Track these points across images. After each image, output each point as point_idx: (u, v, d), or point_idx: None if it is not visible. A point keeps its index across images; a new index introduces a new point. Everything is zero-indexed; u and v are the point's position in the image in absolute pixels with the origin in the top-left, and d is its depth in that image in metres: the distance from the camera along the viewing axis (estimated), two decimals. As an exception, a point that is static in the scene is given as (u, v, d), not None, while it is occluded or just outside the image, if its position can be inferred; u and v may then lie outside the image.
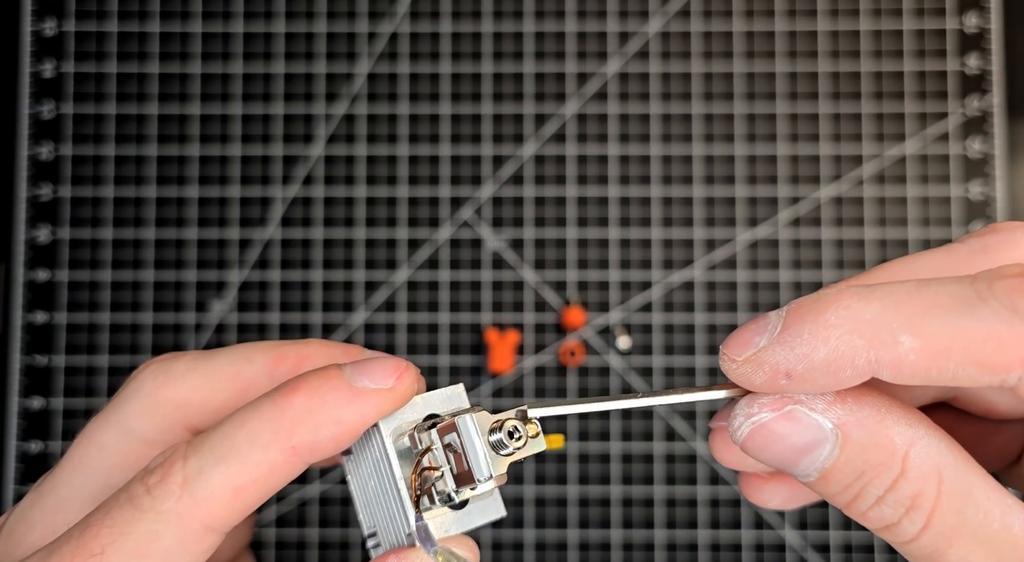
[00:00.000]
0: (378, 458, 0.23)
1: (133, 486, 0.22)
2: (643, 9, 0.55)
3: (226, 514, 0.21)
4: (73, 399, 0.54)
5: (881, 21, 0.55)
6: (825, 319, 0.19)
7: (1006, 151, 0.54)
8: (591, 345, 0.53)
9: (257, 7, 0.56)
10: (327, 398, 0.22)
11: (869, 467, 0.19)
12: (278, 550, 0.52)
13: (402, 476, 0.22)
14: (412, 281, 0.54)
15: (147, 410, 0.25)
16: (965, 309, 0.18)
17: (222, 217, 0.55)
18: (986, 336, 0.18)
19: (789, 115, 0.55)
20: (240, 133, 0.55)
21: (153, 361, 0.26)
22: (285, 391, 0.22)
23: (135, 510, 0.21)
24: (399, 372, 0.23)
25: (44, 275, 0.54)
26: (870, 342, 0.18)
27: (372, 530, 0.24)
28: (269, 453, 0.22)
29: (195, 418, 0.25)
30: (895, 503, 0.19)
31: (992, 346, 0.18)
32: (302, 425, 0.22)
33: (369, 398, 0.22)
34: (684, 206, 0.54)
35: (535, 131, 0.55)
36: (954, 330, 0.18)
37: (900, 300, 0.18)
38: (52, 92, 0.55)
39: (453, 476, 0.22)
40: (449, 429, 0.22)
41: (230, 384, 0.25)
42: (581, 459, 0.53)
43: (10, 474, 0.53)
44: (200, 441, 0.22)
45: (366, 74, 0.55)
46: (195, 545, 0.21)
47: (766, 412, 0.19)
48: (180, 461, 0.22)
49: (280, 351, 0.26)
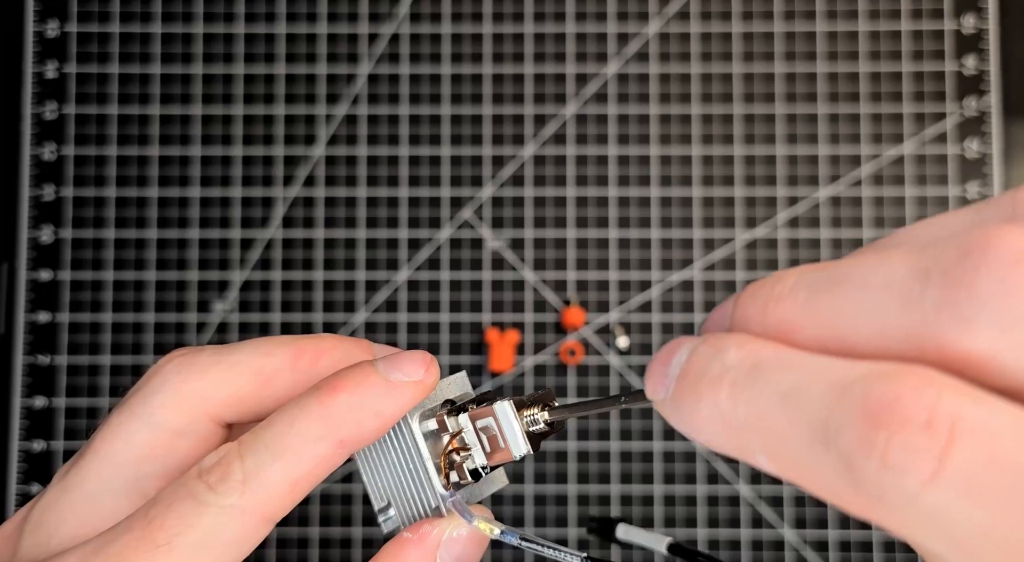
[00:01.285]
0: (401, 440, 0.25)
1: (192, 483, 0.23)
2: (642, 11, 0.56)
3: (283, 506, 0.23)
4: (76, 399, 0.54)
5: (879, 22, 0.55)
6: (697, 410, 0.18)
7: (1003, 151, 0.54)
8: (591, 344, 0.54)
9: (259, 9, 0.56)
10: (367, 394, 0.24)
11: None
12: (279, 548, 0.53)
13: (430, 457, 0.25)
14: (413, 281, 0.54)
15: (173, 403, 0.26)
16: (811, 451, 0.16)
17: (224, 217, 0.55)
18: (824, 486, 0.17)
19: (787, 116, 0.55)
20: (242, 134, 0.55)
21: (175, 355, 0.27)
22: (328, 390, 0.24)
23: (199, 505, 0.23)
24: (426, 364, 0.24)
25: (47, 275, 0.55)
26: (737, 450, 0.18)
27: (384, 504, 0.26)
28: (320, 448, 0.23)
29: (220, 409, 0.26)
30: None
31: (839, 492, 0.16)
32: (347, 420, 0.23)
33: (404, 390, 0.24)
34: (683, 206, 0.55)
35: (535, 132, 0.55)
36: (803, 468, 0.17)
37: (761, 414, 0.17)
38: (55, 93, 0.55)
39: (485, 454, 0.25)
40: (484, 414, 0.25)
41: (253, 377, 0.26)
42: (580, 457, 0.53)
43: (13, 473, 0.53)
44: (254, 440, 0.24)
45: (367, 75, 0.56)
46: (254, 535, 0.23)
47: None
48: (238, 460, 0.23)
49: (298, 345, 0.27)
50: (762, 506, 0.52)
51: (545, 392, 0.25)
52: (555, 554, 0.24)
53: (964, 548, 0.15)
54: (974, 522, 0.14)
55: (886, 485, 0.15)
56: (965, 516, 0.14)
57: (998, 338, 0.15)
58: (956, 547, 0.15)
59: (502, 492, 0.53)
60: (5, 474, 0.53)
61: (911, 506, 0.15)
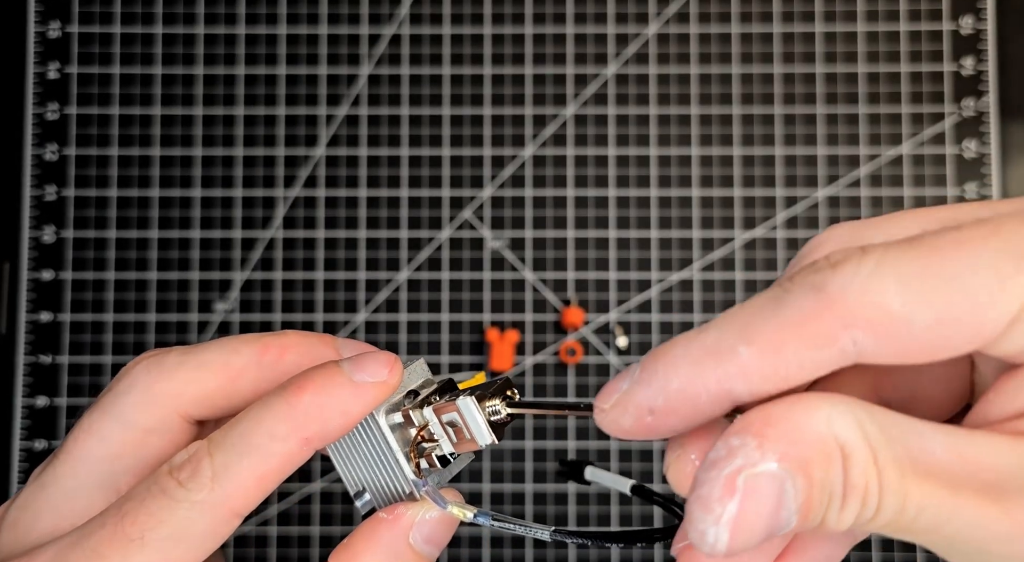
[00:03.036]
0: (370, 433, 0.26)
1: (163, 479, 0.24)
2: (641, 13, 0.56)
3: (251, 501, 0.24)
4: (77, 398, 0.54)
5: (877, 24, 0.55)
6: (673, 353, 0.20)
7: (1001, 152, 0.55)
8: (590, 344, 0.54)
9: (260, 10, 0.56)
10: (333, 394, 0.25)
11: (824, 476, 0.18)
12: (280, 547, 0.53)
13: (399, 448, 0.26)
14: (413, 280, 0.55)
15: (144, 402, 0.27)
16: (778, 304, 0.19)
17: (226, 217, 0.55)
18: (801, 319, 0.19)
19: (785, 117, 0.55)
20: (243, 134, 0.55)
21: (143, 357, 0.28)
22: (294, 389, 0.25)
23: (170, 500, 0.24)
24: (390, 365, 0.25)
25: (48, 275, 0.55)
26: (715, 360, 0.19)
27: (359, 489, 0.27)
28: (286, 445, 0.24)
29: (189, 407, 0.27)
30: (854, 492, 0.18)
31: (810, 327, 0.19)
32: (313, 419, 0.24)
33: (369, 390, 0.25)
34: (682, 207, 0.55)
35: (535, 133, 0.55)
36: (776, 324, 0.19)
37: (729, 320, 0.20)
38: (57, 93, 0.56)
39: (452, 443, 0.26)
40: (448, 409, 0.26)
41: (220, 374, 0.27)
42: (579, 456, 0.53)
43: (14, 472, 0.54)
44: (222, 438, 0.24)
45: (368, 76, 0.56)
46: (223, 528, 0.24)
47: (730, 503, 0.18)
48: (207, 457, 0.24)
49: (263, 342, 0.28)
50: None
51: (503, 381, 0.26)
52: (526, 531, 0.25)
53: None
54: None
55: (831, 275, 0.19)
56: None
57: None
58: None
59: (501, 490, 0.53)
60: (7, 473, 0.54)
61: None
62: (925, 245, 0.19)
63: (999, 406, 0.20)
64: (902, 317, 0.19)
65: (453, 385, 0.27)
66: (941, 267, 0.19)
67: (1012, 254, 0.19)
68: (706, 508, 0.18)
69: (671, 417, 0.20)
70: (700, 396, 0.19)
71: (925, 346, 0.19)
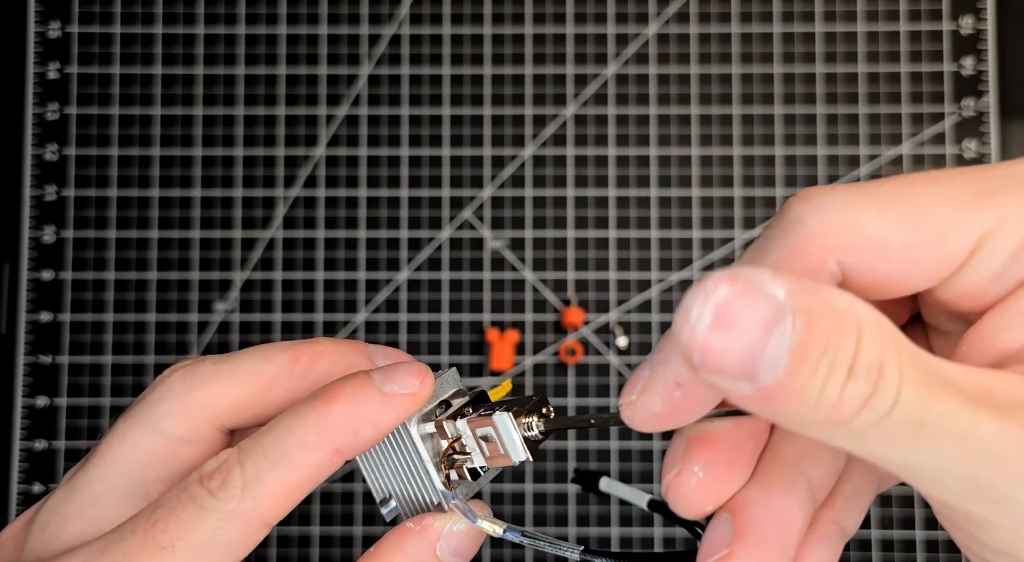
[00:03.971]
0: (400, 442, 0.26)
1: (193, 488, 0.24)
2: (641, 13, 0.56)
3: (280, 510, 0.24)
4: (77, 398, 0.54)
5: (877, 24, 0.55)
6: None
7: (1001, 152, 0.55)
8: (590, 344, 0.54)
9: (260, 10, 0.56)
10: (363, 405, 0.25)
11: (831, 335, 0.17)
12: (280, 547, 0.53)
13: (430, 459, 0.26)
14: (413, 280, 0.55)
15: (177, 411, 0.27)
16: (767, 244, 0.21)
17: (226, 217, 0.55)
18: (790, 251, 0.21)
19: (785, 117, 0.55)
20: (243, 134, 0.55)
21: (178, 366, 0.28)
22: (325, 400, 0.25)
23: (200, 509, 0.24)
24: (421, 377, 0.25)
25: (48, 275, 0.55)
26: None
27: (385, 496, 0.27)
28: (316, 456, 0.24)
29: (223, 416, 0.27)
30: (866, 368, 0.17)
31: (800, 257, 0.21)
32: (344, 430, 0.24)
33: (399, 402, 0.25)
34: (682, 207, 0.55)
35: (535, 133, 0.55)
36: (772, 261, 0.21)
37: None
38: (57, 94, 0.56)
39: (484, 457, 0.26)
40: (483, 424, 0.25)
41: (253, 383, 0.27)
42: (580, 456, 0.53)
43: (15, 472, 0.54)
44: (253, 447, 0.24)
45: (368, 76, 0.56)
46: (252, 538, 0.24)
47: (724, 288, 0.17)
48: (237, 467, 0.24)
49: (296, 350, 0.27)
50: (761, 505, 0.53)
51: (540, 399, 0.26)
52: (555, 549, 0.24)
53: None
54: None
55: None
56: None
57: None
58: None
59: (502, 490, 0.53)
60: (7, 473, 0.54)
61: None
62: (897, 180, 0.21)
63: (983, 346, 0.21)
64: (879, 238, 0.20)
65: (486, 397, 0.27)
66: (913, 197, 0.21)
67: (975, 190, 0.21)
68: (701, 290, 0.17)
69: (699, 388, 0.20)
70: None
71: (899, 270, 0.21)
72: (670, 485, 0.22)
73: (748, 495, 0.23)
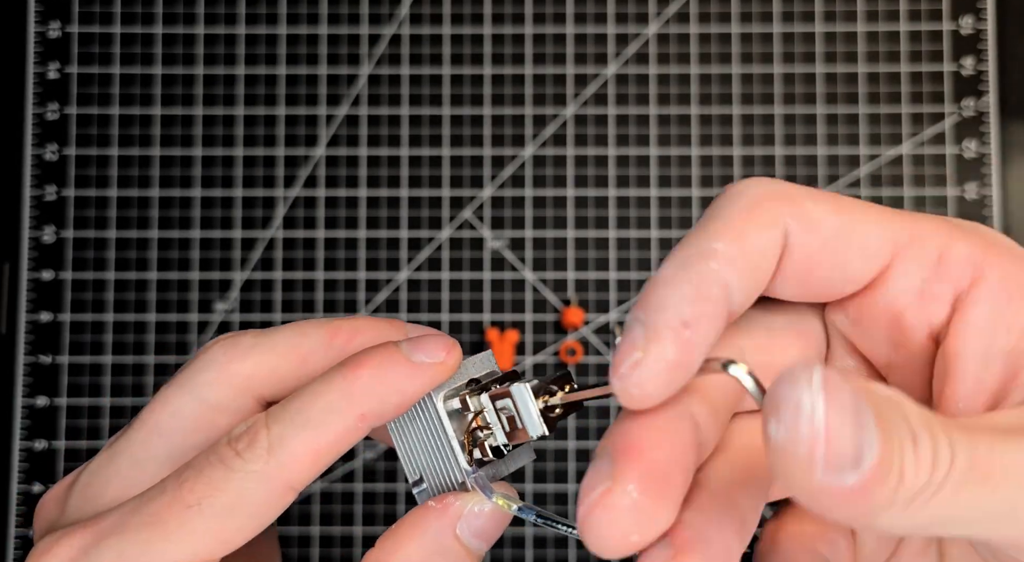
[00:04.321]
0: (428, 418, 0.26)
1: (222, 449, 0.25)
2: (641, 12, 0.56)
3: (306, 474, 0.24)
4: (77, 398, 0.54)
5: (877, 23, 0.55)
6: (663, 274, 0.21)
7: (1001, 152, 0.55)
8: (590, 344, 0.54)
9: (260, 10, 0.56)
10: (390, 372, 0.25)
11: (890, 412, 0.17)
12: (280, 547, 0.53)
13: (454, 435, 0.26)
14: (413, 280, 0.55)
15: (219, 380, 0.27)
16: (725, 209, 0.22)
17: (226, 217, 0.55)
18: (747, 210, 0.22)
19: (785, 117, 0.55)
20: (243, 134, 0.55)
21: (221, 338, 0.28)
22: (353, 366, 0.25)
23: (227, 470, 0.24)
24: (448, 347, 0.26)
25: (48, 275, 0.55)
26: (701, 258, 0.21)
27: (418, 477, 0.27)
28: (343, 420, 0.24)
29: (261, 387, 0.28)
30: (920, 429, 0.17)
31: (757, 212, 0.22)
32: (370, 395, 0.25)
33: (426, 370, 0.25)
34: (682, 207, 0.55)
35: (535, 133, 0.55)
36: (737, 218, 0.22)
37: (698, 230, 0.22)
38: (57, 93, 0.56)
39: (505, 433, 0.26)
40: (503, 395, 0.25)
41: (291, 355, 0.28)
42: (580, 456, 0.53)
43: (14, 472, 0.54)
44: (280, 411, 0.25)
45: (368, 76, 0.56)
46: (278, 501, 0.24)
47: (819, 401, 0.16)
48: (264, 429, 0.24)
49: (333, 325, 0.28)
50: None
51: (563, 374, 0.26)
52: (568, 531, 0.24)
53: None
54: None
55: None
56: None
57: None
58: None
59: (502, 491, 0.53)
60: (7, 473, 0.54)
61: None
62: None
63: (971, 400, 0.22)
64: (813, 216, 0.22)
65: (517, 375, 0.27)
66: (838, 199, 0.22)
67: (891, 212, 0.22)
68: (795, 382, 0.16)
69: (704, 321, 0.20)
70: (711, 288, 0.20)
71: (830, 259, 0.22)
72: (595, 505, 0.19)
73: (685, 518, 0.20)
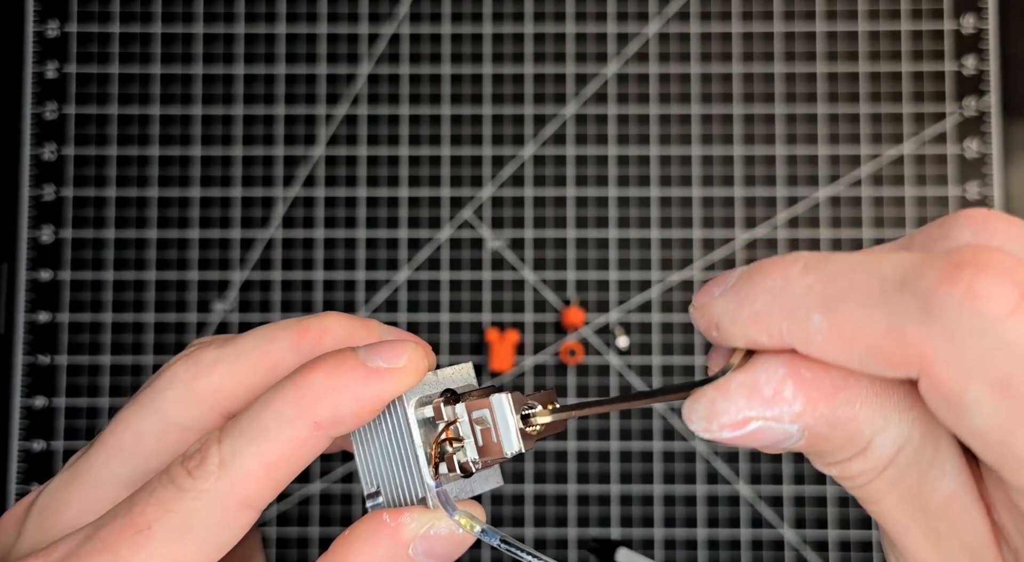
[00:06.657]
0: (396, 426, 0.24)
1: (174, 469, 0.23)
2: (641, 11, 0.56)
3: (261, 490, 0.23)
4: (76, 398, 0.54)
5: (878, 23, 0.55)
6: (763, 283, 0.19)
7: (1003, 151, 0.54)
8: (590, 344, 0.54)
9: (259, 9, 0.56)
10: (344, 377, 0.23)
11: (836, 446, 0.19)
12: (279, 548, 0.53)
13: (421, 444, 0.24)
14: (413, 281, 0.54)
15: (182, 399, 0.26)
16: (882, 298, 0.17)
17: (224, 217, 0.55)
18: (889, 329, 0.17)
19: (787, 116, 0.55)
20: (242, 134, 0.55)
21: (183, 353, 0.27)
22: (304, 372, 0.24)
23: (178, 490, 0.23)
24: (408, 352, 0.24)
25: (47, 275, 0.55)
26: (786, 314, 0.18)
27: (374, 490, 0.25)
28: (295, 430, 0.23)
29: (228, 403, 0.26)
30: (859, 467, 0.19)
31: (894, 340, 0.17)
32: (323, 402, 0.23)
33: (383, 376, 0.24)
34: (682, 206, 0.55)
35: (535, 132, 0.55)
36: (863, 319, 0.17)
37: (833, 276, 0.18)
38: (55, 93, 0.55)
39: (477, 448, 0.24)
40: (480, 406, 0.24)
41: (259, 365, 0.26)
42: (580, 457, 0.53)
43: (12, 473, 0.53)
44: (231, 425, 0.24)
45: (367, 75, 0.56)
46: (234, 520, 0.23)
47: (726, 431, 0.19)
48: (215, 445, 0.23)
49: (301, 325, 0.27)
50: (762, 506, 0.53)
51: (547, 392, 0.25)
52: (533, 560, 0.23)
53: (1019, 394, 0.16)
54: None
55: (965, 314, 0.16)
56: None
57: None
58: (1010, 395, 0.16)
59: (501, 491, 0.53)
60: (5, 474, 0.53)
61: (986, 335, 0.16)
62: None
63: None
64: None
65: (496, 390, 0.25)
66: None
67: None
68: (711, 416, 0.19)
69: (728, 340, 0.20)
70: (761, 335, 0.19)
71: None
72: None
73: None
